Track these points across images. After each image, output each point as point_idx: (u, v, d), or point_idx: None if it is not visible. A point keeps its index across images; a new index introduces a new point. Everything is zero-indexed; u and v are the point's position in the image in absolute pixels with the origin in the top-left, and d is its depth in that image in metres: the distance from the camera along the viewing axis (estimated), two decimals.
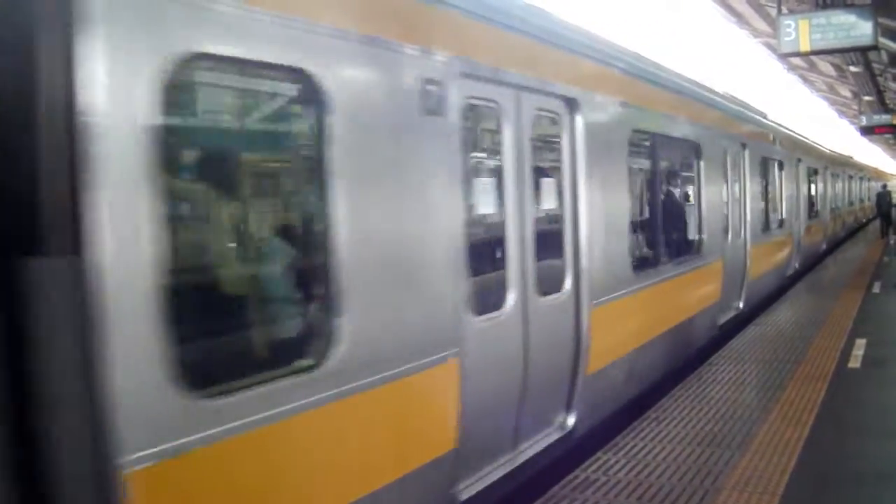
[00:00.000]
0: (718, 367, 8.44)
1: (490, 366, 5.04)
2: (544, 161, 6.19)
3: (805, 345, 9.44)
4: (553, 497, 5.01)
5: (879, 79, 26.33)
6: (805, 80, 33.88)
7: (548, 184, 6.12)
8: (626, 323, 7.12)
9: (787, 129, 17.62)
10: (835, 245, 24.36)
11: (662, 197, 8.74)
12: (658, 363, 8.00)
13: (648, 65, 8.29)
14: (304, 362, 3.65)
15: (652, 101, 8.08)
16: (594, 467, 5.50)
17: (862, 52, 18.43)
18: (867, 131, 30.50)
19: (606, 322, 6.49)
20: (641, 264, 7.62)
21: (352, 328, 3.77)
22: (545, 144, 6.16)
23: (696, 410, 6.82)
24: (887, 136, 36.37)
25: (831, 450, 5.77)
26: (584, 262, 6.16)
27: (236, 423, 3.16)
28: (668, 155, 9.12)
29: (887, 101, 30.16)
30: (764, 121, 14.27)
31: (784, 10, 14.01)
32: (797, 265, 16.73)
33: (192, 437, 2.98)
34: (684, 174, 9.77)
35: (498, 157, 5.42)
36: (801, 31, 12.24)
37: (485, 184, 5.45)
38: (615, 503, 4.89)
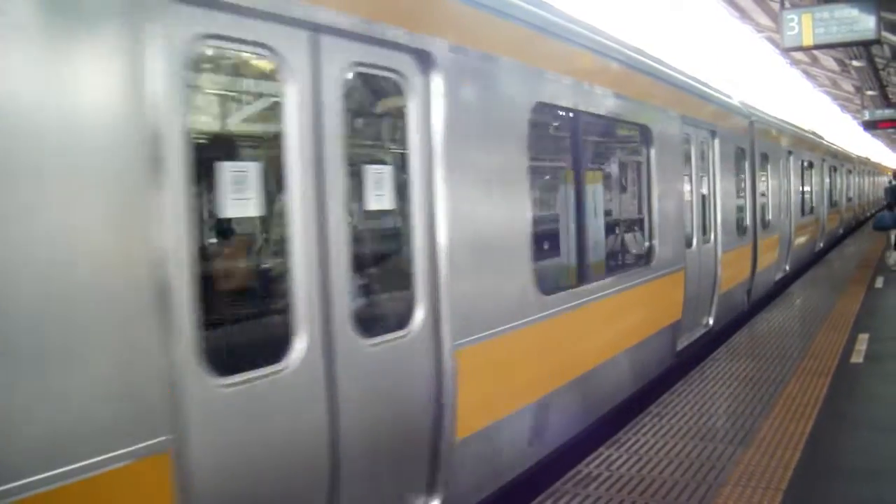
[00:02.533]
0: (721, 361, 8.44)
1: (691, 276, 9.12)
2: (704, 168, 10.39)
3: (808, 340, 9.44)
4: (556, 492, 5.01)
5: (882, 73, 26.22)
6: (808, 74, 33.78)
7: (704, 180, 10.47)
8: (735, 266, 11.45)
9: (815, 135, 22.34)
10: (849, 231, 28.67)
11: (749, 187, 12.97)
12: (746, 297, 12.53)
13: (738, 103, 12.99)
14: (645, 261, 8.05)
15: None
16: (597, 462, 5.50)
17: (865, 47, 18.38)
18: (870, 126, 30.39)
19: (728, 263, 10.80)
20: (741, 231, 12.04)
21: (657, 248, 8.09)
22: (703, 158, 10.30)
23: (699, 405, 6.82)
24: (890, 130, 36.25)
25: (834, 445, 5.77)
26: (718, 224, 10.48)
27: (628, 283, 7.29)
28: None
29: (890, 96, 30.04)
30: (800, 131, 17.64)
31: (787, 4, 13.96)
32: (822, 244, 21.34)
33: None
34: (758, 173, 14.08)
35: (688, 167, 9.73)
36: (804, 26, 12.22)
37: (687, 180, 9.67)
38: (618, 498, 4.89)
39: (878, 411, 6.66)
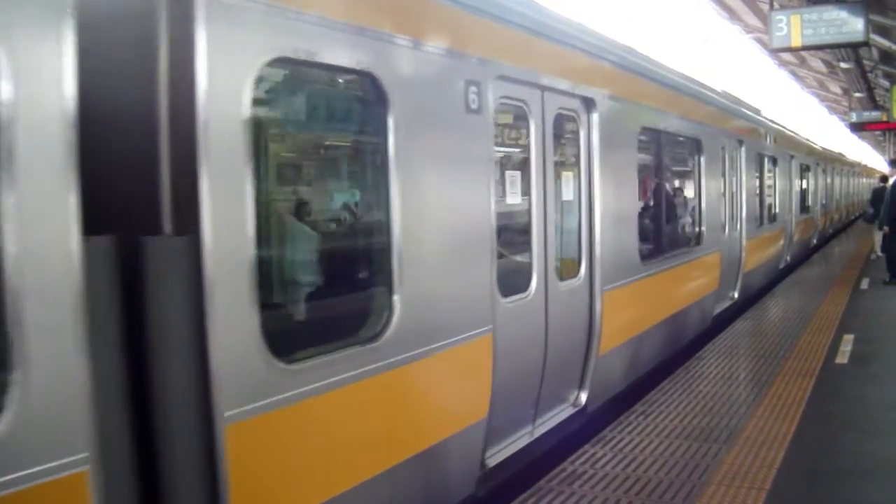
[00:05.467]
0: (707, 361, 8.46)
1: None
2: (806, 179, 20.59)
3: (793, 340, 9.47)
4: (541, 490, 5.00)
5: (870, 75, 26.42)
6: (796, 75, 33.97)
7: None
8: (802, 230, 19.04)
9: (826, 148, 28.20)
10: (848, 223, 33.98)
11: (802, 188, 20.16)
12: (804, 251, 20.10)
13: (790, 133, 19.31)
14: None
15: (796, 148, 19.17)
16: (581, 460, 5.50)
17: (853, 49, 18.53)
18: (857, 128, 30.61)
19: (799, 226, 18.40)
20: (801, 210, 19.31)
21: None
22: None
23: (684, 404, 6.83)
24: (876, 132, 36.45)
25: (818, 445, 5.78)
26: (793, 206, 17.75)
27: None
28: (803, 171, 20.27)
29: (877, 98, 30.24)
30: (818, 146, 23.56)
31: (776, 5, 14.02)
32: (830, 230, 27.36)
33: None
34: (801, 179, 20.35)
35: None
36: (793, 27, 12.29)
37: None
38: (602, 496, 4.89)
39: (862, 412, 6.67)
